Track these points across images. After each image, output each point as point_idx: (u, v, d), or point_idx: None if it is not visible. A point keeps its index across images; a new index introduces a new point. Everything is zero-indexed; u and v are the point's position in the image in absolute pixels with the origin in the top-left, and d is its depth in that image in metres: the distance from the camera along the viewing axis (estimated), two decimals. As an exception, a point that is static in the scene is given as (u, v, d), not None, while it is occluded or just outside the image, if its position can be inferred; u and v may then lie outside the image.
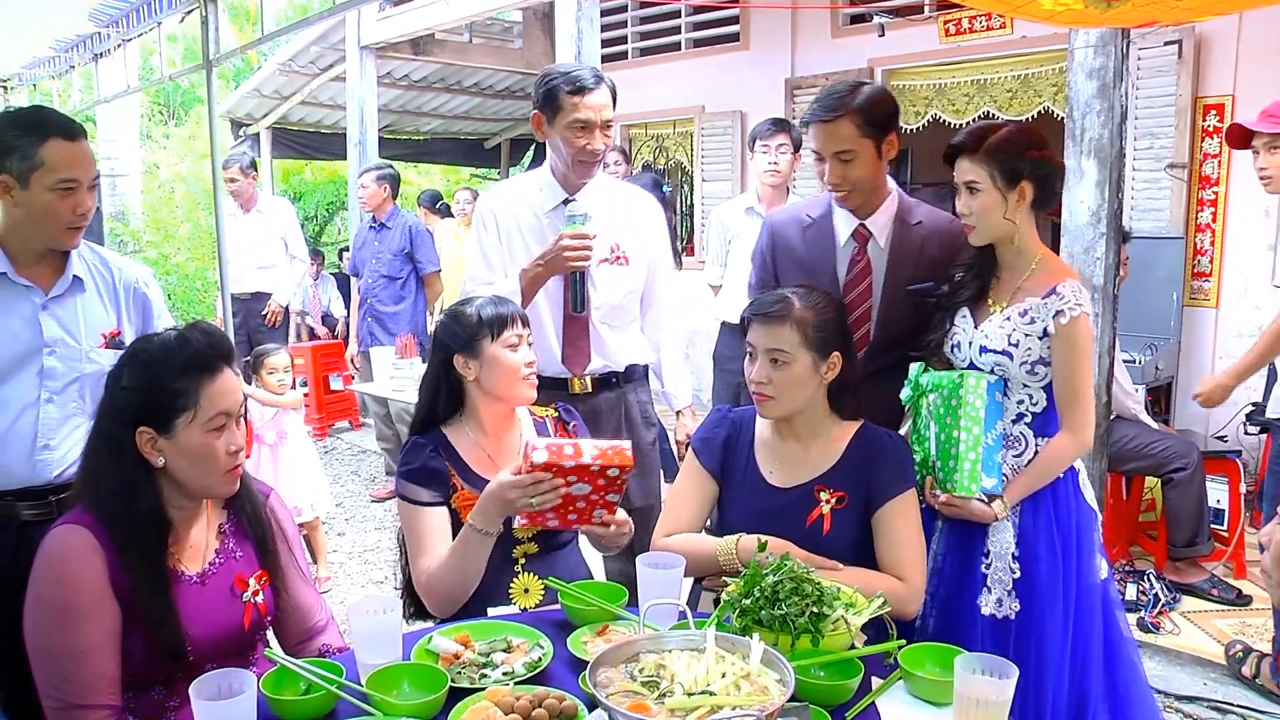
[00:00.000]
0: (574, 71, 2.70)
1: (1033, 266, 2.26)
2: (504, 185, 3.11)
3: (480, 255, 2.87)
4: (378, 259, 5.92)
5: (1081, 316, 2.16)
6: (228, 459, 1.81)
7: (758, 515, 2.14)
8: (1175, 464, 4.05)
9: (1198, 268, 5.24)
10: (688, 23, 7.58)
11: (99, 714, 1.69)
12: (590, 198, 2.80)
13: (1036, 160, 2.20)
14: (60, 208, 2.20)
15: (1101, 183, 3.73)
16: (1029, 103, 5.91)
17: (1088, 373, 2.21)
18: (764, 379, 2.09)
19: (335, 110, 9.68)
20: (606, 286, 2.81)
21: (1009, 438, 2.27)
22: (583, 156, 2.73)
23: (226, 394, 1.80)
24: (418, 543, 2.16)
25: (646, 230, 2.90)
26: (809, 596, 1.71)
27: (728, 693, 1.41)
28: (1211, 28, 5.01)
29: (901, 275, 2.44)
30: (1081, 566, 2.24)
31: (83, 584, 1.71)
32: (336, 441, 7.48)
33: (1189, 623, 3.81)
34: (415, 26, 6.85)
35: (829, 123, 2.34)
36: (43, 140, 2.16)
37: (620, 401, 2.88)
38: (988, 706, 1.50)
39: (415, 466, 2.18)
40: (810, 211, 2.58)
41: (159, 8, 6.11)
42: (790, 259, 2.54)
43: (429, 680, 1.65)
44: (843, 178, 2.38)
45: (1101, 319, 3.80)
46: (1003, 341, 2.22)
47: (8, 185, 2.18)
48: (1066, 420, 2.21)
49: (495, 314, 2.22)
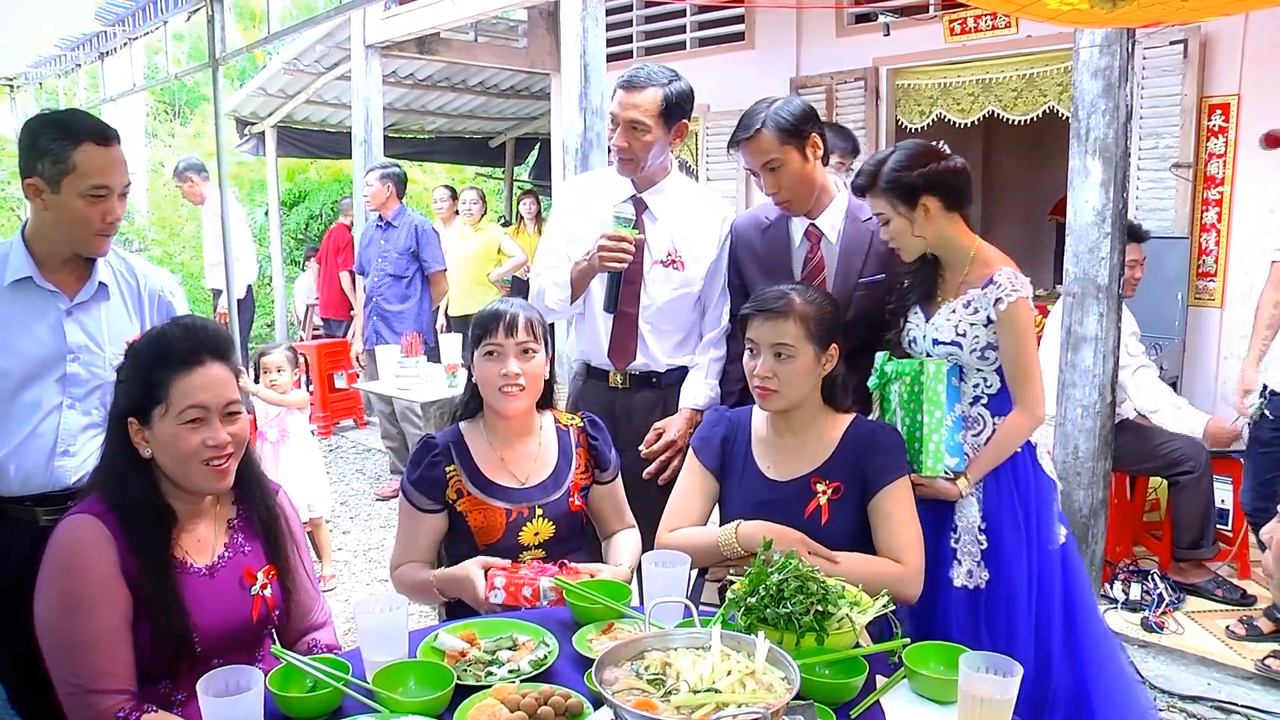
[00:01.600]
0: (635, 69, 2.73)
1: (971, 261, 2.40)
2: (585, 176, 3.13)
3: (553, 240, 2.89)
4: (383, 257, 5.93)
5: (1020, 300, 2.30)
6: (204, 451, 1.79)
7: (757, 509, 2.19)
8: (1183, 465, 4.04)
9: (1203, 268, 5.23)
10: (692, 22, 7.57)
11: (115, 699, 1.70)
12: (658, 198, 2.79)
13: (929, 174, 2.32)
14: (90, 214, 2.17)
15: (1106, 182, 3.73)
16: (1034, 102, 5.90)
17: (1033, 352, 2.35)
18: (768, 373, 2.15)
19: (340, 109, 9.69)
20: (657, 288, 2.77)
21: (968, 419, 2.41)
22: (614, 150, 2.75)
23: (204, 389, 1.79)
24: (407, 538, 2.29)
25: (713, 234, 2.82)
26: (814, 595, 1.72)
27: (733, 690, 1.42)
28: (1217, 27, 4.99)
29: (853, 269, 2.58)
30: (1042, 534, 2.37)
31: (93, 571, 1.72)
32: (341, 440, 7.49)
33: (1193, 623, 3.81)
34: (420, 25, 6.85)
35: (750, 140, 2.51)
36: (76, 144, 2.13)
37: (659, 402, 2.84)
38: (992, 705, 1.50)
39: (417, 475, 2.25)
40: (768, 215, 2.71)
41: (165, 6, 6.13)
42: (751, 259, 2.69)
43: (435, 678, 1.66)
44: (777, 185, 2.53)
45: (1106, 319, 3.79)
46: (951, 333, 2.36)
47: (38, 188, 2.16)
48: (1018, 398, 2.35)
49: (481, 319, 2.26)
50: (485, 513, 2.21)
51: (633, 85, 2.66)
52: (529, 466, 2.28)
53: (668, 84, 2.67)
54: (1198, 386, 5.20)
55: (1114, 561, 4.16)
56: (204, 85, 13.25)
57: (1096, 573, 3.98)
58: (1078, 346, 3.87)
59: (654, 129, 2.67)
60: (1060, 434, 3.96)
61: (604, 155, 5.32)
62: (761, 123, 2.49)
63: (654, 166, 2.78)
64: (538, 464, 2.30)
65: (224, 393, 1.82)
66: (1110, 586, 4.01)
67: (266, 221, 11.37)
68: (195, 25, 6.21)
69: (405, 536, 2.30)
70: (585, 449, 2.38)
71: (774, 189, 2.55)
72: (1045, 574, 2.35)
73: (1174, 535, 4.12)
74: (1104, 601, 3.98)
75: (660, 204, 2.79)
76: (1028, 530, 2.35)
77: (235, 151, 10.56)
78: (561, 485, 2.30)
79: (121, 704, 1.70)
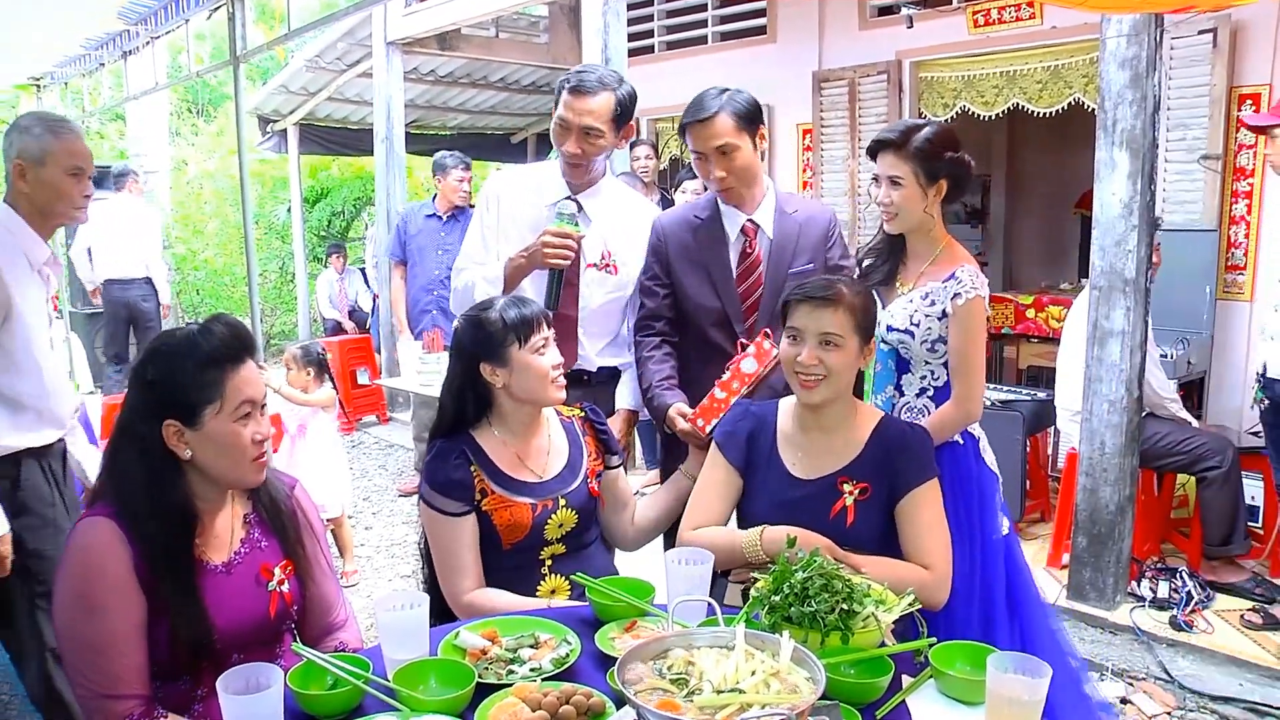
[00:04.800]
0: (581, 71, 2.69)
1: (937, 253, 2.48)
2: (515, 170, 3.11)
3: (478, 234, 2.87)
4: (446, 250, 5.80)
5: (976, 299, 2.39)
6: (254, 448, 1.82)
7: (781, 507, 2.15)
8: (1210, 461, 3.99)
9: (1231, 260, 5.15)
10: (714, 15, 7.54)
11: (127, 704, 1.70)
12: (593, 200, 2.78)
13: (953, 161, 2.42)
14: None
15: (1134, 174, 3.68)
16: (1059, 94, 5.83)
17: (979, 350, 2.44)
18: (814, 361, 2.10)
19: (362, 106, 9.70)
20: (591, 291, 2.77)
21: (913, 410, 2.50)
22: (564, 156, 2.72)
23: (250, 383, 1.82)
24: (452, 560, 2.17)
25: (642, 240, 2.81)
26: (839, 593, 1.69)
27: (757, 691, 1.40)
28: (1248, 15, 4.91)
29: (784, 261, 2.62)
30: (985, 524, 2.43)
31: (107, 576, 1.72)
32: (364, 436, 7.52)
33: (1223, 621, 3.76)
34: (441, 21, 6.85)
35: (707, 121, 2.51)
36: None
37: (588, 400, 2.84)
38: (1020, 706, 1.48)
39: (440, 478, 2.19)
40: (699, 213, 2.71)
41: (187, 5, 6.15)
42: (684, 255, 2.67)
43: (456, 676, 1.64)
44: (727, 169, 2.54)
45: (1133, 312, 3.75)
46: (905, 321, 2.44)
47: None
48: (957, 392, 2.43)
49: (520, 318, 2.20)
50: (511, 510, 2.19)
51: (584, 90, 2.62)
52: (544, 460, 2.28)
53: (618, 87, 2.67)
54: (1226, 381, 5.13)
55: (1141, 559, 4.11)
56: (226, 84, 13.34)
57: (1123, 570, 3.94)
58: (1104, 341, 3.83)
59: (607, 134, 2.66)
60: (1086, 429, 3.92)
61: (625, 150, 5.31)
62: (720, 106, 2.51)
63: (595, 170, 2.78)
64: (551, 456, 2.30)
65: (262, 388, 1.88)
66: (1137, 584, 3.96)
67: (289, 218, 11.43)
68: (218, 25, 6.23)
69: (446, 554, 2.18)
70: (593, 437, 2.41)
71: (724, 172, 2.55)
72: (989, 564, 2.40)
73: (1204, 532, 4.07)
74: (1130, 599, 3.93)
75: (595, 206, 2.78)
76: (969, 519, 2.39)
77: (257, 149, 10.61)
78: (578, 474, 2.30)
79: (132, 708, 1.70)
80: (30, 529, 2.58)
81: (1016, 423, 4.60)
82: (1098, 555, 3.91)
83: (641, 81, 3.33)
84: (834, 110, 6.77)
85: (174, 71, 9.98)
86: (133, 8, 6.55)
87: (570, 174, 2.75)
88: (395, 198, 7.49)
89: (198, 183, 14.08)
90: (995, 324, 6.53)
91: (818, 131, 6.87)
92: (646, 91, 2.80)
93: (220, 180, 13.74)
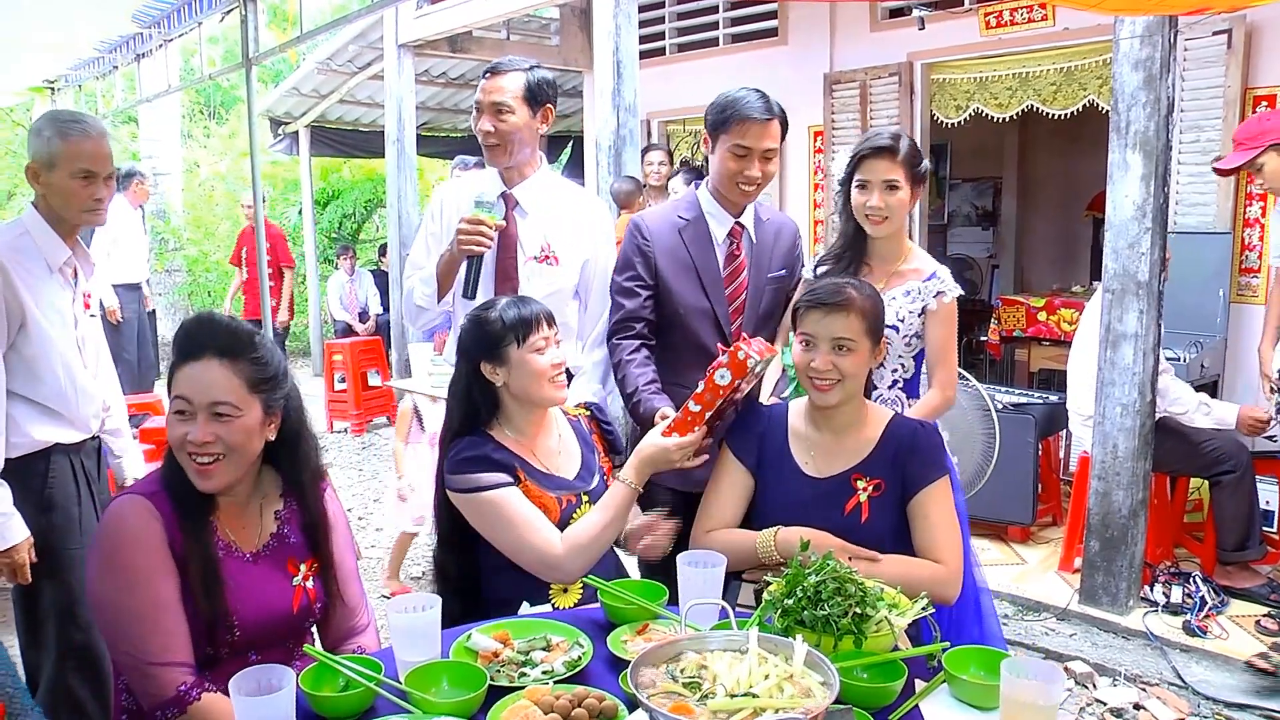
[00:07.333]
0: (496, 60, 2.80)
1: (906, 254, 2.65)
2: (462, 177, 3.14)
3: (423, 242, 2.92)
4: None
5: (953, 299, 2.60)
6: (188, 445, 1.77)
7: (795, 506, 2.16)
8: (1223, 465, 3.96)
9: (1245, 263, 5.13)
10: (725, 18, 7.53)
11: (175, 671, 1.72)
12: (529, 193, 2.81)
13: (924, 166, 2.63)
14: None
15: (1147, 177, 3.66)
16: (1072, 96, 5.82)
17: (955, 342, 2.64)
18: (828, 366, 2.13)
19: (373, 108, 9.74)
20: (531, 285, 2.75)
21: (885, 401, 2.59)
22: (479, 138, 2.78)
23: (188, 381, 1.79)
24: (523, 523, 2.09)
25: (585, 231, 2.83)
26: (852, 597, 1.69)
27: (771, 695, 1.40)
28: (1263, 16, 4.89)
29: (764, 266, 2.72)
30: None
31: (143, 544, 1.75)
32: (374, 437, 7.53)
33: (1238, 627, 3.73)
34: (453, 24, 6.86)
35: (769, 122, 2.56)
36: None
37: None
38: (1035, 711, 1.47)
39: (478, 454, 2.13)
40: (683, 214, 2.72)
41: (200, 8, 6.17)
42: (670, 256, 2.67)
43: (468, 678, 1.65)
44: (764, 172, 2.61)
45: (1146, 315, 3.73)
46: (891, 318, 2.51)
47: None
48: (936, 379, 2.59)
49: (519, 317, 2.19)
50: (543, 501, 2.16)
51: (496, 71, 2.75)
52: (556, 459, 2.27)
53: (530, 69, 2.75)
54: (1239, 384, 5.10)
55: (1154, 563, 4.08)
56: (239, 86, 13.37)
57: (1136, 574, 3.92)
58: (1117, 344, 3.81)
59: (517, 110, 2.72)
60: (1099, 433, 3.90)
61: (637, 152, 5.30)
62: (778, 111, 2.59)
63: (522, 159, 2.80)
64: (563, 456, 2.29)
65: (211, 391, 1.78)
66: (1150, 589, 3.93)
67: (300, 220, 11.46)
68: (230, 27, 6.26)
69: (519, 520, 2.09)
70: (600, 435, 2.42)
71: (762, 173, 2.61)
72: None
73: (1218, 537, 4.04)
74: (1143, 604, 3.91)
75: (530, 199, 2.80)
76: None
77: (269, 151, 10.64)
78: (595, 472, 2.31)
79: (183, 678, 1.72)
80: (54, 528, 2.59)
81: (1028, 426, 4.58)
82: (1110, 559, 3.89)
83: (652, 83, 3.33)
84: (845, 112, 6.76)
85: (187, 74, 10.04)
86: (146, 10, 6.58)
87: (489, 156, 2.79)
88: (406, 200, 7.50)
89: (209, 184, 14.13)
90: (1007, 327, 6.51)
91: (829, 133, 6.86)
92: (657, 94, 2.81)
93: (232, 182, 13.79)
